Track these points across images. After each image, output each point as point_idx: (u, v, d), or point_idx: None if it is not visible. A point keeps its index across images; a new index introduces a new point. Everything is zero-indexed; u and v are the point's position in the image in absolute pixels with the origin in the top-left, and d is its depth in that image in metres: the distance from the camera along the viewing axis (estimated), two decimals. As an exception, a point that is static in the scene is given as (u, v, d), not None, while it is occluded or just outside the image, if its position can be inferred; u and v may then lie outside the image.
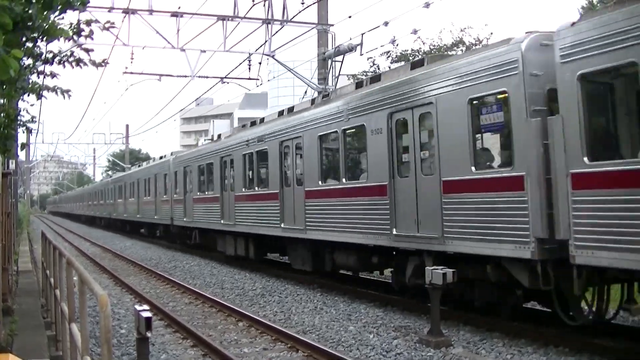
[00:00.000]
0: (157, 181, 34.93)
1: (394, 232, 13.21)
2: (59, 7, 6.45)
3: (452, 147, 11.69)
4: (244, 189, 22.00)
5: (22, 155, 44.91)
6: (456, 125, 11.55)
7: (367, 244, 14.46)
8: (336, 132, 15.66)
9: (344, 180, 15.36)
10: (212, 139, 29.83)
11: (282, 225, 18.47)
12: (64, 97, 10.22)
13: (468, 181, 11.34)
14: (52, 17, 7.04)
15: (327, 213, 15.99)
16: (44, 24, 7.20)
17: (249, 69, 25.41)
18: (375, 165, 14.00)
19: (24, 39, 8.16)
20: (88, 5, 7.74)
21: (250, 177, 21.77)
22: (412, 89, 12.84)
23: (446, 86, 11.83)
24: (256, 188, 21.02)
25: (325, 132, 16.28)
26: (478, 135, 11.45)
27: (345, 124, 15.29)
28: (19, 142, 18.11)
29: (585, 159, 9.11)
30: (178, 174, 30.65)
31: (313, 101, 18.58)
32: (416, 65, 13.79)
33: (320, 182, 16.46)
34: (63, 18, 7.60)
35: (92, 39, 9.17)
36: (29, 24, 6.86)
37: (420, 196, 12.54)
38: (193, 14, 23.13)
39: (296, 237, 17.71)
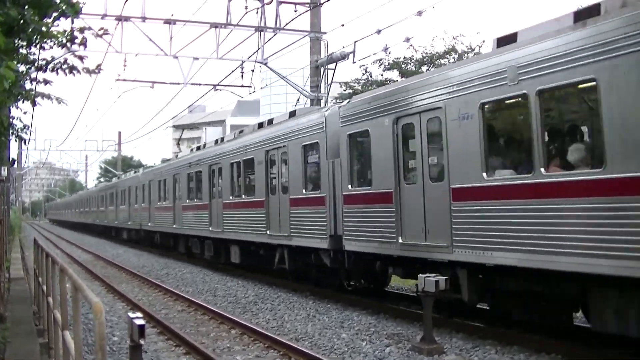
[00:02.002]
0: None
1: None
2: (53, 15, 6.48)
3: (295, 177, 17.49)
4: (187, 201, 28.05)
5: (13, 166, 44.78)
6: (295, 161, 17.52)
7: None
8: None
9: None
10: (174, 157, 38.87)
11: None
12: (59, 103, 10.23)
13: (302, 199, 17.03)
14: (45, 20, 7.08)
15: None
16: (38, 28, 7.23)
17: (242, 76, 25.49)
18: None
19: (18, 44, 8.18)
20: (81, 13, 7.77)
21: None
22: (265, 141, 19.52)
23: (293, 138, 17.66)
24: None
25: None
26: (307, 169, 17.13)
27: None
28: (11, 156, 18.09)
29: (349, 186, 14.89)
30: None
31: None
32: (267, 123, 20.84)
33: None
34: (58, 25, 7.63)
35: (86, 46, 9.19)
36: (24, 27, 6.88)
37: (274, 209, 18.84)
38: (186, 21, 23.18)
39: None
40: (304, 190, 17.03)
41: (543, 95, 9.86)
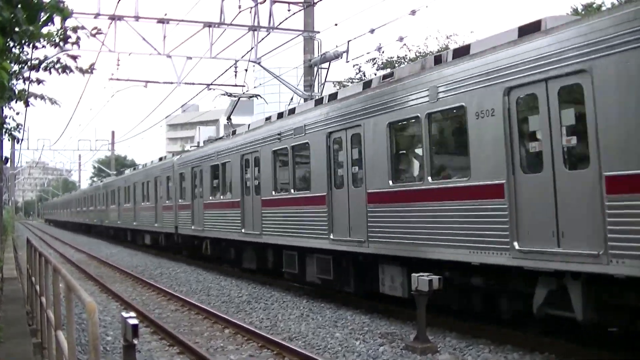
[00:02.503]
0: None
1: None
2: (44, 19, 6.46)
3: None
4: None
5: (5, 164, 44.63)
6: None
7: None
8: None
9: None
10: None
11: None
12: (52, 104, 10.20)
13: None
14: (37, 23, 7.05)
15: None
16: (30, 28, 7.20)
17: (235, 75, 25.51)
18: None
19: (10, 44, 8.14)
20: (74, 12, 7.75)
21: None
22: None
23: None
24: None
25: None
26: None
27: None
28: (4, 155, 18.04)
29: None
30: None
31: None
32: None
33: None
34: (49, 25, 7.60)
35: (79, 46, 9.16)
36: (15, 29, 6.86)
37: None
38: (179, 20, 23.15)
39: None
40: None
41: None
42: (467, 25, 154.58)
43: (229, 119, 25.92)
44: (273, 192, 18.12)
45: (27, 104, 11.14)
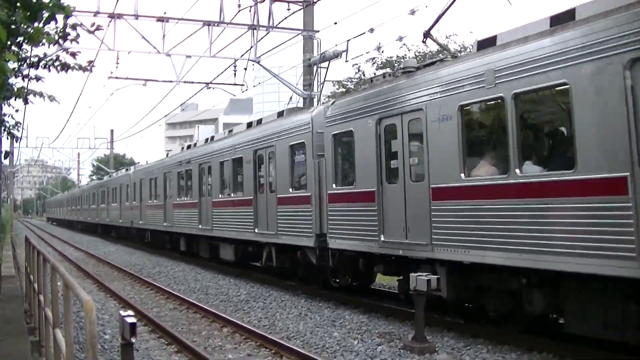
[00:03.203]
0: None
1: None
2: (44, 18, 6.45)
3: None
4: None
5: (5, 160, 44.62)
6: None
7: None
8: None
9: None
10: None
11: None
12: (51, 101, 10.20)
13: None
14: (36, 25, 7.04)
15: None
16: (29, 29, 7.19)
17: (235, 74, 25.47)
18: None
19: (9, 43, 8.13)
20: (74, 10, 7.73)
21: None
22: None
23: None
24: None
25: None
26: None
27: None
28: (3, 149, 18.03)
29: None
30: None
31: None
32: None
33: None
34: (49, 23, 7.59)
35: (78, 42, 9.16)
36: (13, 28, 6.85)
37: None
38: (179, 19, 23.12)
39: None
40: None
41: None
42: (467, 26, 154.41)
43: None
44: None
45: (26, 102, 11.14)
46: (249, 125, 22.09)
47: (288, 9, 22.86)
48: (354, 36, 21.85)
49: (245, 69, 25.61)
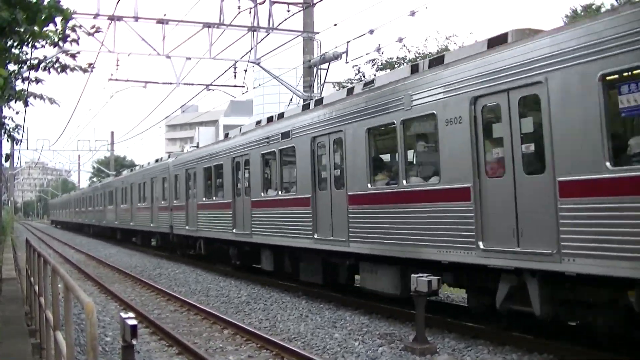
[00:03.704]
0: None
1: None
2: (43, 19, 6.46)
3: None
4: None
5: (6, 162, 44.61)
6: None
7: None
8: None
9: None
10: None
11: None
12: (52, 104, 10.19)
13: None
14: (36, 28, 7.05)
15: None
16: (30, 29, 7.20)
17: (235, 76, 25.52)
18: None
19: (9, 44, 8.14)
20: (74, 13, 7.74)
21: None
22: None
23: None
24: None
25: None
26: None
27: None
28: (3, 152, 18.05)
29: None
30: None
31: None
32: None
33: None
34: (48, 25, 7.61)
35: (78, 44, 9.16)
36: (15, 28, 6.86)
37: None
38: (179, 21, 23.16)
39: None
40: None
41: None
42: (467, 26, 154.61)
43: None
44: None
45: (26, 104, 11.15)
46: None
47: (288, 11, 22.88)
48: (354, 37, 21.91)
49: (246, 70, 25.67)
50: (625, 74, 8.61)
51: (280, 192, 18.09)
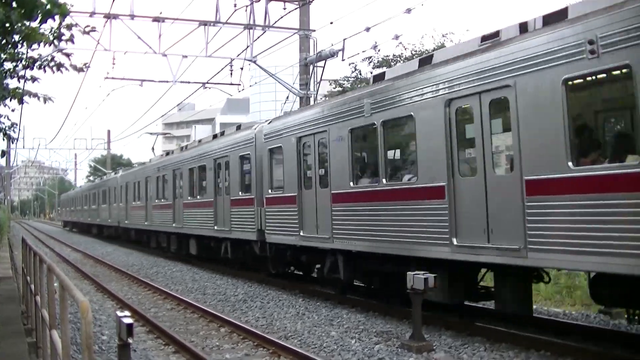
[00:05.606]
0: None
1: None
2: (39, 17, 6.44)
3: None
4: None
5: (2, 161, 44.61)
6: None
7: None
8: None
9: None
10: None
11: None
12: (45, 102, 10.17)
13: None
14: (32, 24, 7.03)
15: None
16: (25, 29, 7.19)
17: (231, 74, 25.48)
18: None
19: (4, 42, 8.12)
20: (69, 14, 7.72)
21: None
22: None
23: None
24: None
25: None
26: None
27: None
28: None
29: (269, 190, 18.33)
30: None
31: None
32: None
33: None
34: (47, 22, 7.58)
35: (73, 42, 9.15)
36: (9, 28, 6.84)
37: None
38: (175, 19, 23.13)
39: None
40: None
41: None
42: (463, 24, 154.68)
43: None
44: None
45: (21, 102, 11.12)
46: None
47: (284, 9, 22.87)
48: (350, 35, 21.92)
49: (242, 68, 25.64)
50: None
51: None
